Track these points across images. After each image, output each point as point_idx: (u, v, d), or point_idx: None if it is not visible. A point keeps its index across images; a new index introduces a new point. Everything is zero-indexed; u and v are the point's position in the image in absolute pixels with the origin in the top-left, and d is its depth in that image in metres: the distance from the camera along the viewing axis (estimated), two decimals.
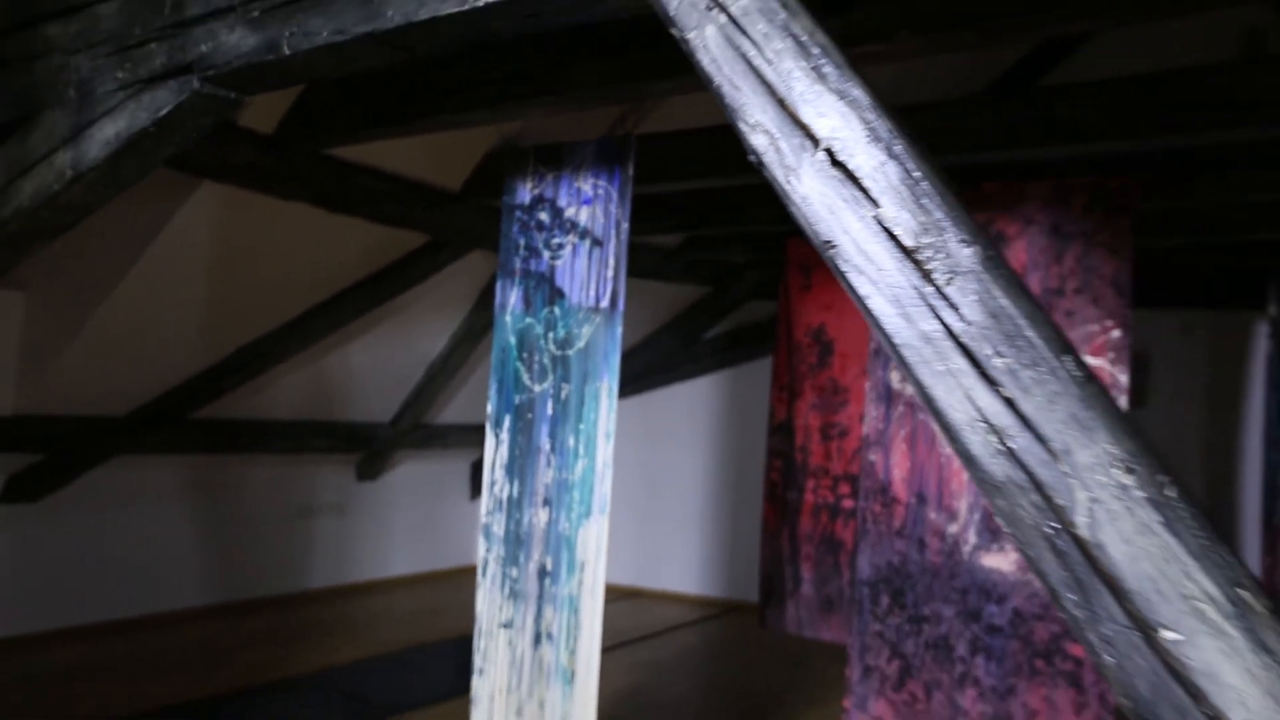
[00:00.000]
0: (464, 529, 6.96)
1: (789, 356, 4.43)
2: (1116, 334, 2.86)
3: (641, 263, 5.18)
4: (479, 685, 2.91)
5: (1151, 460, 1.09)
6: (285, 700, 4.22)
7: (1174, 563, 1.04)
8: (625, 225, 2.70)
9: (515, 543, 2.86)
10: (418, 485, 6.54)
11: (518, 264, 2.88)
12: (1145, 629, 1.04)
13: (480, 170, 4.03)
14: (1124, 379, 2.85)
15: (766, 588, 4.41)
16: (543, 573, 2.81)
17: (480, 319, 5.33)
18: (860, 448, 3.51)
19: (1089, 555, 1.08)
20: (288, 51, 1.89)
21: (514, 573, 2.86)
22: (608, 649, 3.14)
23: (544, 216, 2.82)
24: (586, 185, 2.77)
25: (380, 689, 4.42)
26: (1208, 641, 1.01)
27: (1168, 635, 1.03)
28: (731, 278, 5.79)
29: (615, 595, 6.37)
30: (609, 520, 2.75)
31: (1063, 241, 2.96)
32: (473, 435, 6.48)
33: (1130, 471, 1.07)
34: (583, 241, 2.75)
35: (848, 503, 4.14)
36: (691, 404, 6.69)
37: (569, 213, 2.78)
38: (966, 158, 3.16)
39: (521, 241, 2.87)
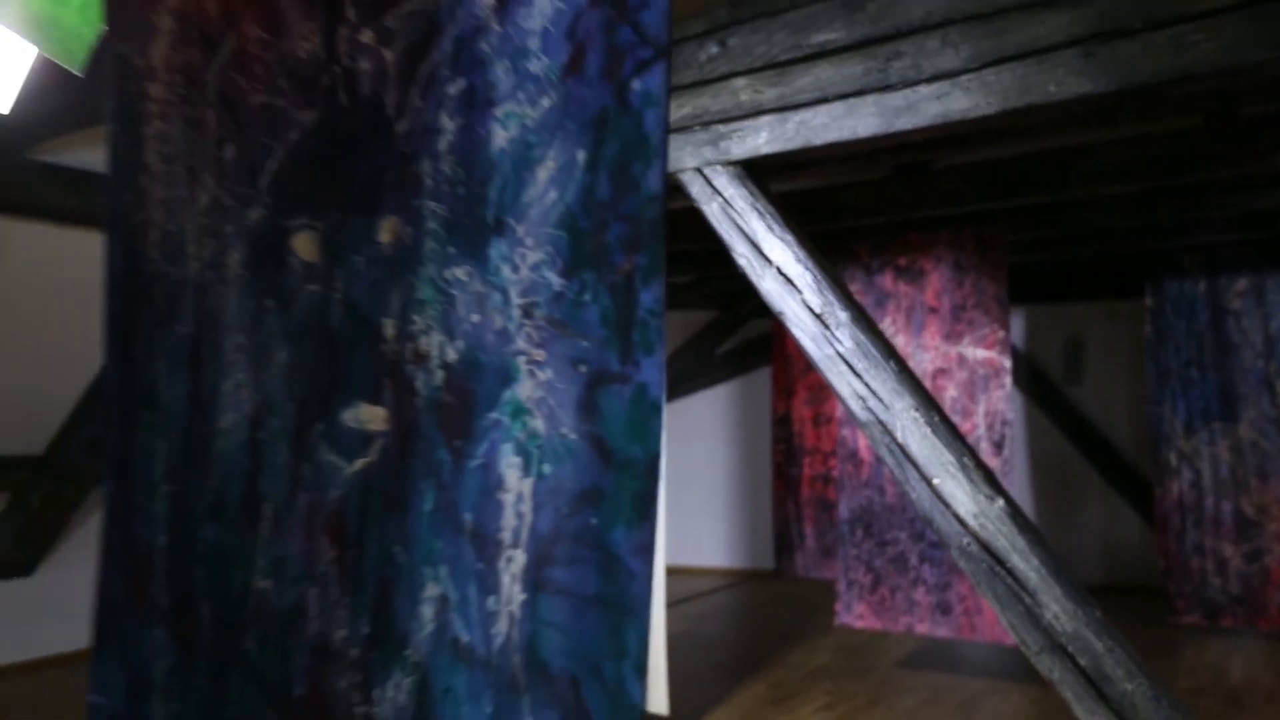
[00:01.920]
0: None
1: (784, 364, 5.75)
2: (1001, 333, 4.17)
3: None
4: None
5: (929, 404, 2.40)
6: None
7: (936, 449, 2.35)
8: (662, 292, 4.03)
9: None
10: None
11: None
12: (927, 480, 2.36)
13: None
14: (1008, 363, 4.15)
15: (779, 544, 5.72)
16: None
17: None
18: (838, 429, 4.81)
19: (903, 450, 2.39)
20: None
21: None
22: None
23: None
24: None
25: None
26: (951, 482, 2.32)
27: (935, 481, 2.34)
28: (735, 303, 7.12)
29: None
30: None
31: (962, 272, 4.28)
32: None
33: (918, 410, 2.38)
34: None
35: (835, 472, 5.44)
36: (711, 409, 8.02)
37: None
38: (894, 217, 4.49)
39: None
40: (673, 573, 7.98)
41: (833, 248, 4.77)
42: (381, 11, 0.94)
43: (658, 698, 4.02)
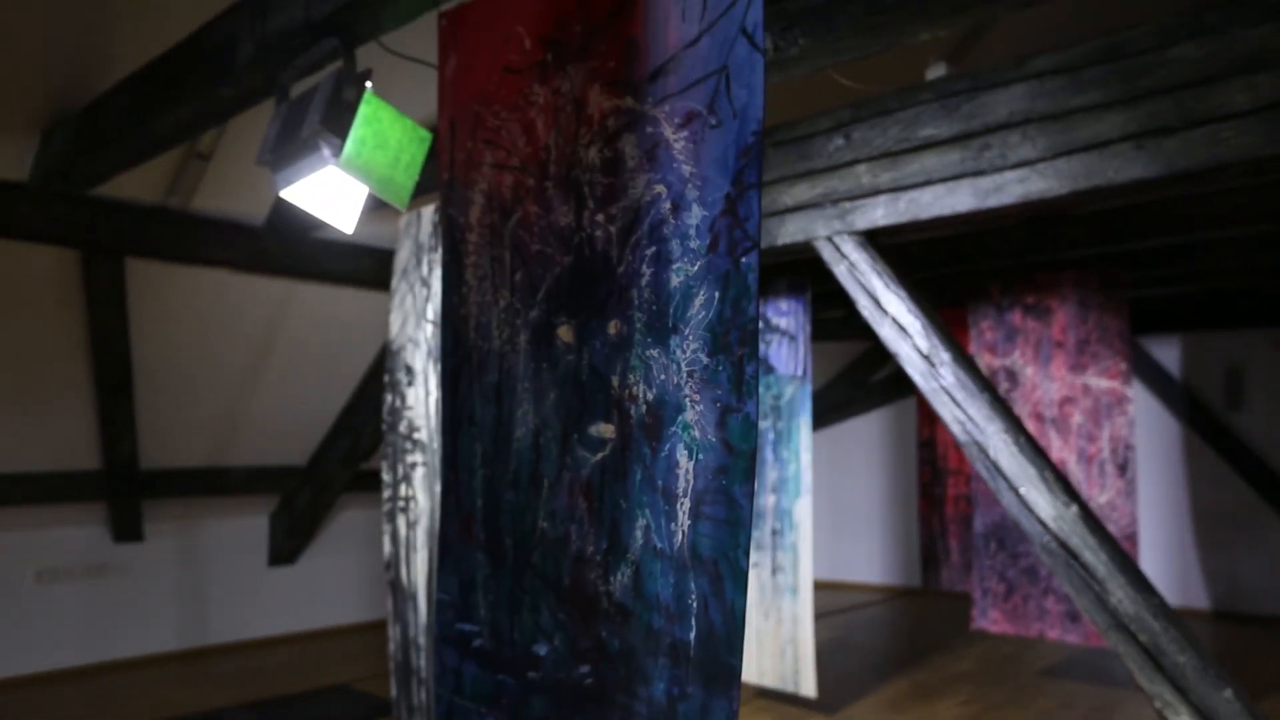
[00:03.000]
0: None
1: None
2: (1124, 365, 4.55)
3: (820, 331, 7.11)
4: None
5: (1017, 428, 2.95)
6: None
7: (1022, 464, 2.89)
8: (808, 327, 4.69)
9: (757, 516, 4.86)
10: None
11: None
12: (1014, 489, 2.90)
13: None
14: (1130, 392, 4.52)
15: (925, 559, 6.17)
16: (774, 532, 4.78)
17: None
18: None
19: (995, 465, 2.95)
20: None
21: (756, 534, 4.85)
22: (815, 617, 4.92)
23: (760, 325, 4.86)
24: (784, 304, 4.79)
25: None
26: (1034, 491, 2.86)
27: (1021, 490, 2.89)
28: None
29: (815, 587, 8.22)
30: (811, 502, 4.69)
31: (1086, 309, 4.69)
32: None
33: (1007, 433, 2.94)
34: (784, 338, 4.76)
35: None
36: (866, 433, 8.50)
37: (775, 321, 4.81)
38: (1023, 260, 4.94)
39: None
40: (829, 587, 8.50)
41: (968, 287, 5.27)
42: (608, 205, 1.71)
43: (806, 683, 4.63)
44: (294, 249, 4.70)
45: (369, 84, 2.40)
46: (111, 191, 3.96)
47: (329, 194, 2.52)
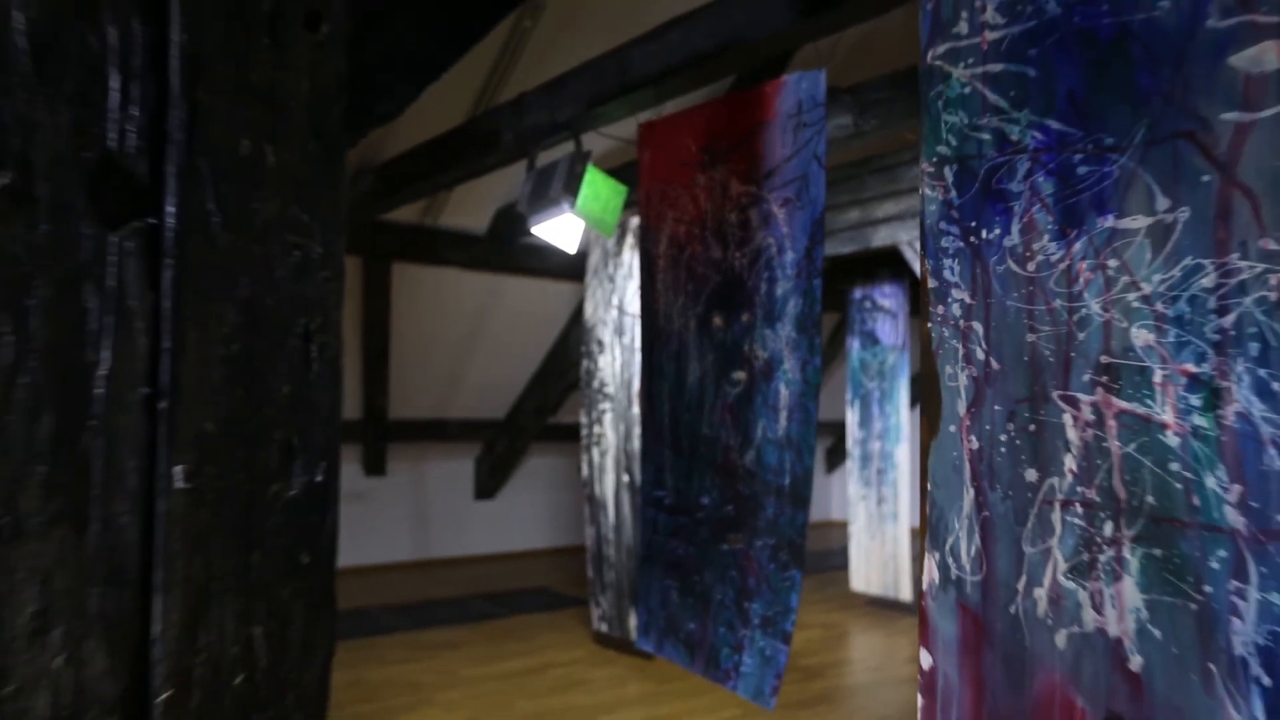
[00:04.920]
0: None
1: None
2: None
3: None
4: (854, 529, 6.11)
5: None
6: None
7: None
8: (907, 306, 5.81)
9: (864, 458, 6.04)
10: None
11: (857, 327, 6.08)
12: None
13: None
14: None
15: None
16: (879, 471, 5.96)
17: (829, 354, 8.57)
18: None
19: None
20: None
21: (865, 473, 6.04)
22: (919, 553, 6.02)
23: (868, 305, 6.02)
24: (886, 288, 5.92)
25: None
26: None
27: None
28: None
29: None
30: (908, 449, 5.83)
31: None
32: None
33: None
34: (887, 315, 5.90)
35: None
36: None
37: (880, 302, 5.95)
38: None
39: (858, 318, 6.08)
40: None
41: None
42: (742, 248, 2.99)
43: (904, 590, 5.81)
44: (505, 251, 6.20)
45: (590, 160, 3.77)
46: (386, 215, 5.53)
47: (561, 229, 3.91)
